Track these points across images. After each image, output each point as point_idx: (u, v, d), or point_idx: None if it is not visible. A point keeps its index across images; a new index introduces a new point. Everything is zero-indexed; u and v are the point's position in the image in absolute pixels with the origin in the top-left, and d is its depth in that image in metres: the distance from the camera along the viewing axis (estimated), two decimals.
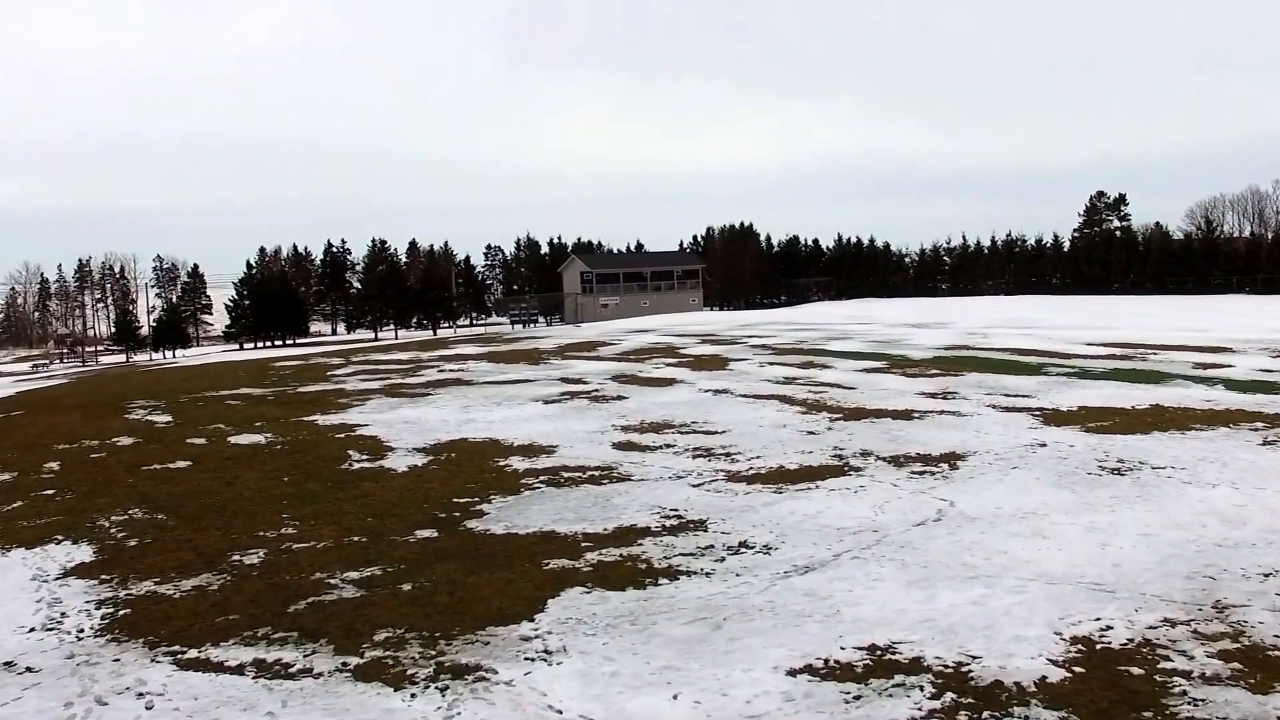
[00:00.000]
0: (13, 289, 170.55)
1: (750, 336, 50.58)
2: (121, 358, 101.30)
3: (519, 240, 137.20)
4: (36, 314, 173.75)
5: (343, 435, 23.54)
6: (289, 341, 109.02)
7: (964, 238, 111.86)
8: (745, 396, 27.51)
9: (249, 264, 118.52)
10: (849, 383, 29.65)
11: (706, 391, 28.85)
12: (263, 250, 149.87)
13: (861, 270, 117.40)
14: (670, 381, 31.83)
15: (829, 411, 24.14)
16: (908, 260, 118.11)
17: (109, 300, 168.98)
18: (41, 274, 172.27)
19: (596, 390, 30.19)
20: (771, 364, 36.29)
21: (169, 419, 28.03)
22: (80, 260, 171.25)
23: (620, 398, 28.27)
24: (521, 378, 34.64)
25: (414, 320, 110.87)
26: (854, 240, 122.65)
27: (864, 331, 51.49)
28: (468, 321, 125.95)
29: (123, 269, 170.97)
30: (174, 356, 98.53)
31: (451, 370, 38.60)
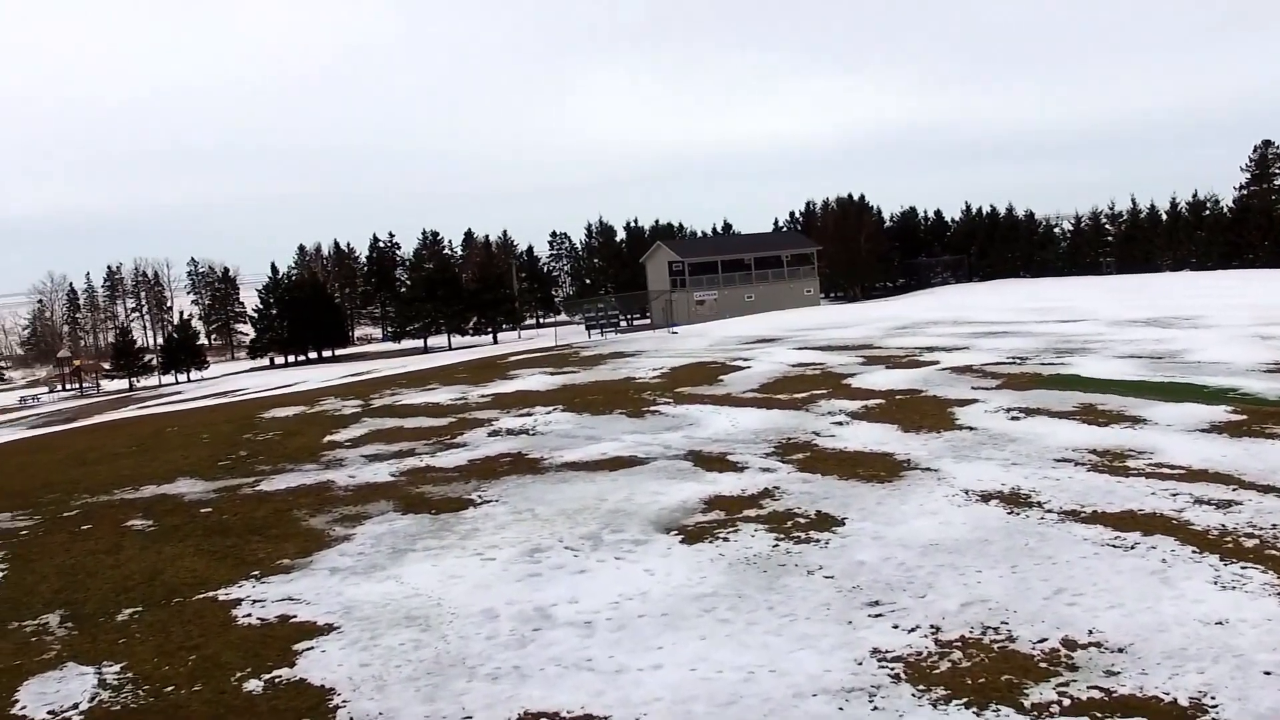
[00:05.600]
0: (39, 301, 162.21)
1: (925, 350, 37.51)
2: (125, 384, 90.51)
3: (589, 225, 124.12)
4: (65, 327, 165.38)
5: (260, 683, 11.15)
6: (325, 355, 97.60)
7: (1133, 201, 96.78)
8: (1111, 530, 14.69)
9: (274, 267, 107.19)
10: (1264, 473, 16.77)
11: (991, 501, 16.08)
12: (302, 249, 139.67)
13: (998, 245, 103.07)
14: (893, 468, 19.03)
15: None
16: (1057, 231, 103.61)
17: (143, 309, 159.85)
18: (69, 284, 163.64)
19: (768, 492, 17.52)
20: (1024, 414, 23.35)
21: None
22: (110, 267, 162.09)
23: (826, 521, 15.57)
24: (622, 452, 22.04)
25: (471, 323, 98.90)
26: (986, 210, 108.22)
27: (1092, 337, 38.18)
28: (534, 322, 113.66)
29: (156, 275, 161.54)
30: (185, 380, 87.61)
31: (510, 428, 26.11)
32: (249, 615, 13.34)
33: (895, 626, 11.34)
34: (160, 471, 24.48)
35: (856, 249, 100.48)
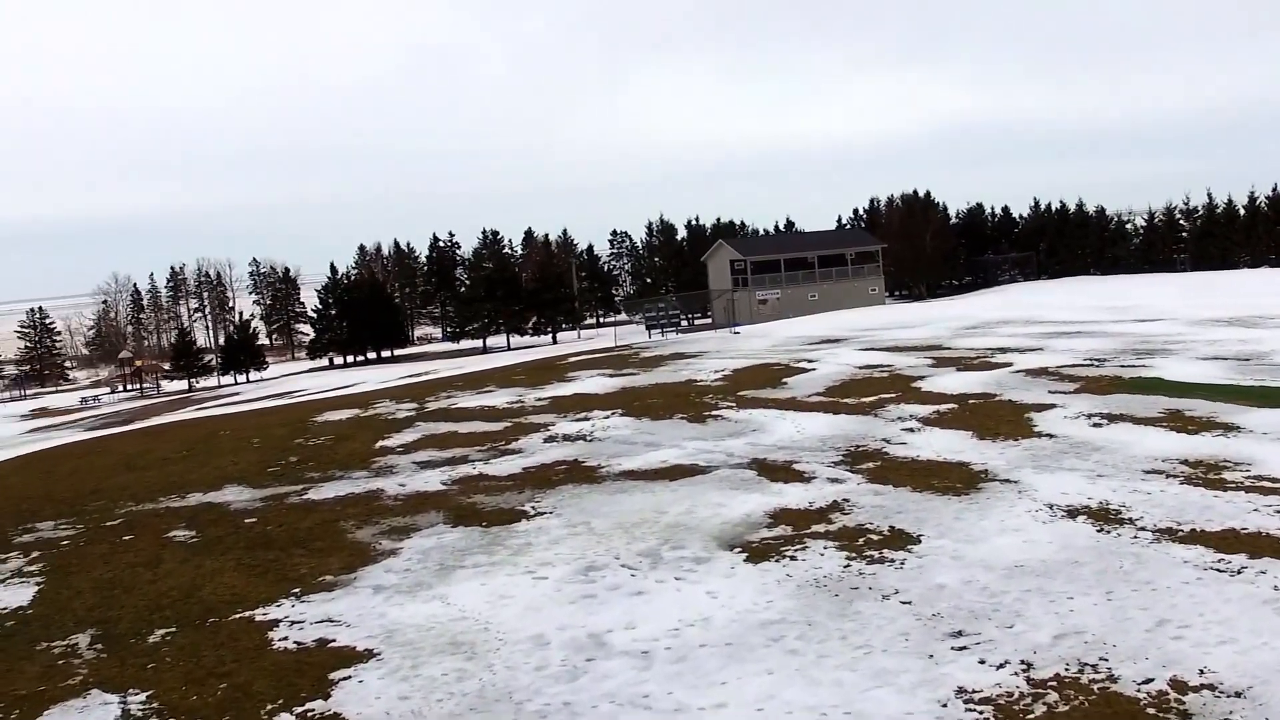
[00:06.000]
0: (104, 302, 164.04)
1: (997, 351, 36.24)
2: (184, 384, 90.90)
3: (650, 224, 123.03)
4: (129, 327, 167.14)
5: (292, 717, 10.43)
6: (384, 355, 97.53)
7: (1209, 196, 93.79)
8: (1214, 551, 13.60)
9: (333, 267, 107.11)
10: None
11: (1078, 517, 15.02)
12: (362, 248, 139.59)
13: (1067, 242, 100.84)
14: (970, 479, 17.99)
15: None
16: (1129, 227, 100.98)
17: (206, 309, 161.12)
18: (133, 285, 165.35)
19: (837, 505, 16.57)
20: (1106, 420, 22.20)
21: None
22: (173, 268, 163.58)
23: (901, 538, 14.60)
24: (683, 459, 21.17)
25: (530, 323, 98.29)
26: (1055, 206, 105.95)
27: (1172, 337, 36.71)
28: (593, 321, 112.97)
29: (218, 275, 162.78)
30: (244, 381, 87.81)
31: (566, 434, 25.34)
32: (285, 639, 12.63)
33: (982, 662, 10.38)
34: (209, 478, 23.96)
35: (921, 246, 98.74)
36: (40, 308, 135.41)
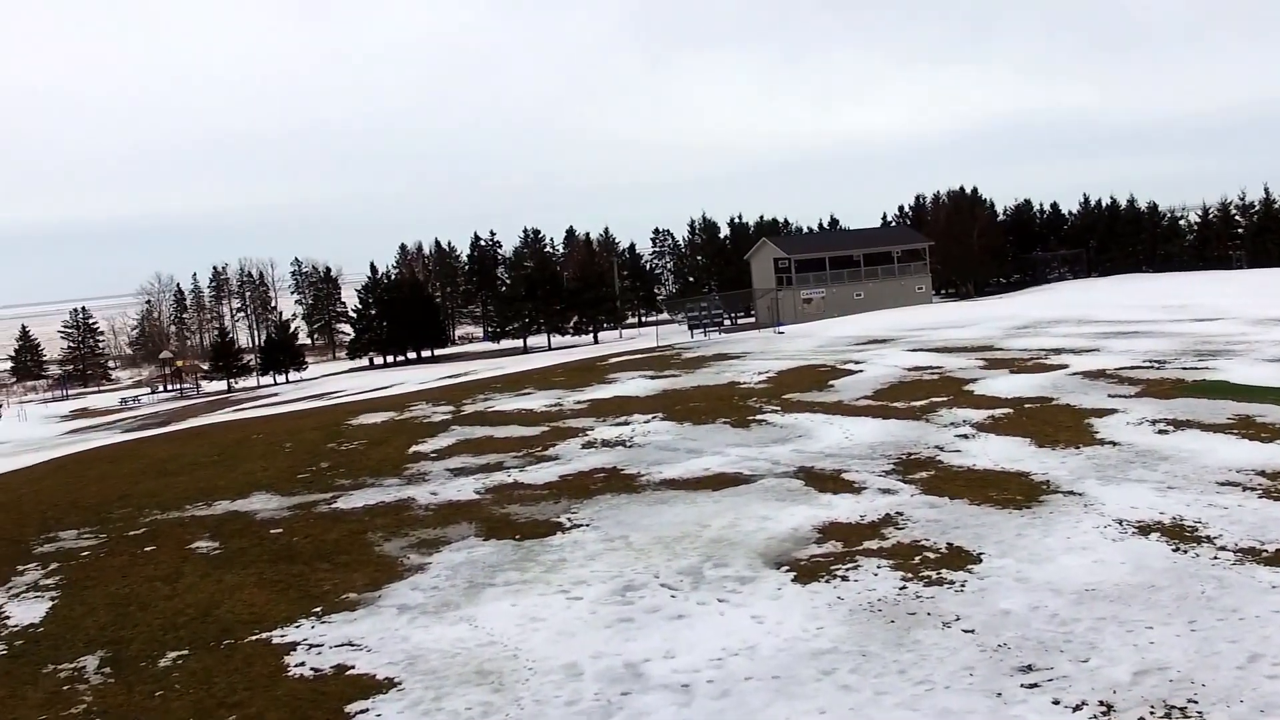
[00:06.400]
0: (147, 302, 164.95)
1: (1051, 352, 35.13)
2: (224, 384, 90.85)
3: (692, 222, 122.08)
4: (172, 327, 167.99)
5: None
6: (424, 355, 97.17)
7: (1266, 191, 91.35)
8: None
9: (373, 267, 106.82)
10: None
11: (1151, 534, 14.06)
12: (403, 248, 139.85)
13: (1118, 239, 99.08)
14: (1031, 490, 17.03)
15: None
16: (1183, 224, 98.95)
17: (248, 309, 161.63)
18: (176, 285, 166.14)
19: (890, 519, 15.67)
20: (1172, 427, 21.16)
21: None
22: (215, 268, 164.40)
23: (960, 557, 13.71)
24: (726, 467, 20.32)
25: (571, 322, 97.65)
26: (1105, 203, 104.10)
27: (1234, 337, 35.43)
28: (635, 321, 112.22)
29: (261, 275, 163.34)
30: (283, 381, 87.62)
31: (605, 439, 24.55)
32: (302, 664, 11.89)
33: (1056, 702, 9.44)
34: (237, 484, 23.34)
35: (969, 244, 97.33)
36: (83, 308, 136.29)
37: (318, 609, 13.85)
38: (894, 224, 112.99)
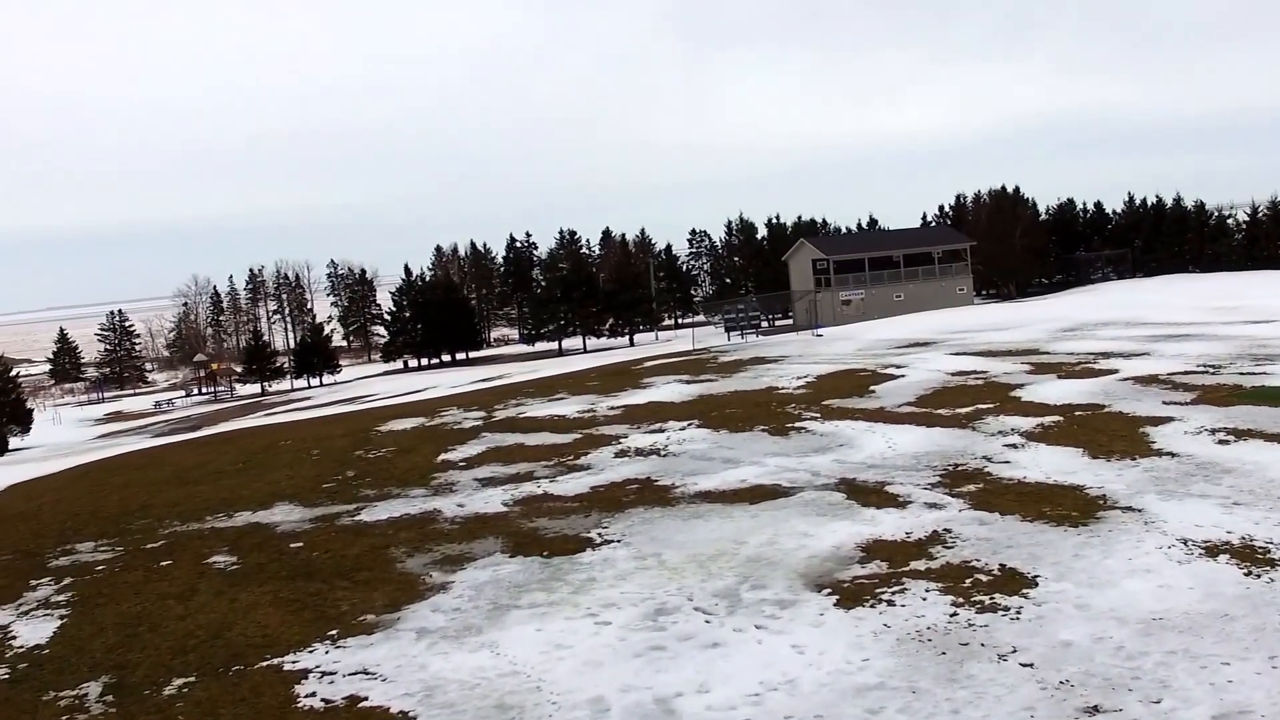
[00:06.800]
0: (184, 304, 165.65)
1: (1099, 356, 34.09)
2: (257, 388, 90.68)
3: (729, 223, 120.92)
4: (209, 329, 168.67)
5: None
6: (458, 358, 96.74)
7: None
8: None
9: (407, 269, 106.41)
10: None
11: (1219, 556, 13.16)
12: (438, 249, 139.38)
13: (1164, 239, 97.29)
14: (1086, 506, 16.15)
15: None
16: (1231, 223, 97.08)
17: (284, 311, 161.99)
18: (213, 287, 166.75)
19: (938, 537, 14.85)
20: (1233, 437, 20.18)
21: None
22: (252, 270, 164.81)
23: (1014, 580, 12.87)
24: (764, 479, 19.54)
25: (607, 324, 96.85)
26: (1151, 201, 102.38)
27: None
28: (671, 323, 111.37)
29: (297, 277, 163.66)
30: (316, 385, 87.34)
31: (639, 448, 23.84)
32: (313, 695, 11.23)
33: None
34: (260, 494, 22.76)
35: (1011, 244, 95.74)
36: (120, 310, 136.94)
37: (333, 632, 13.19)
38: (934, 224, 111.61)
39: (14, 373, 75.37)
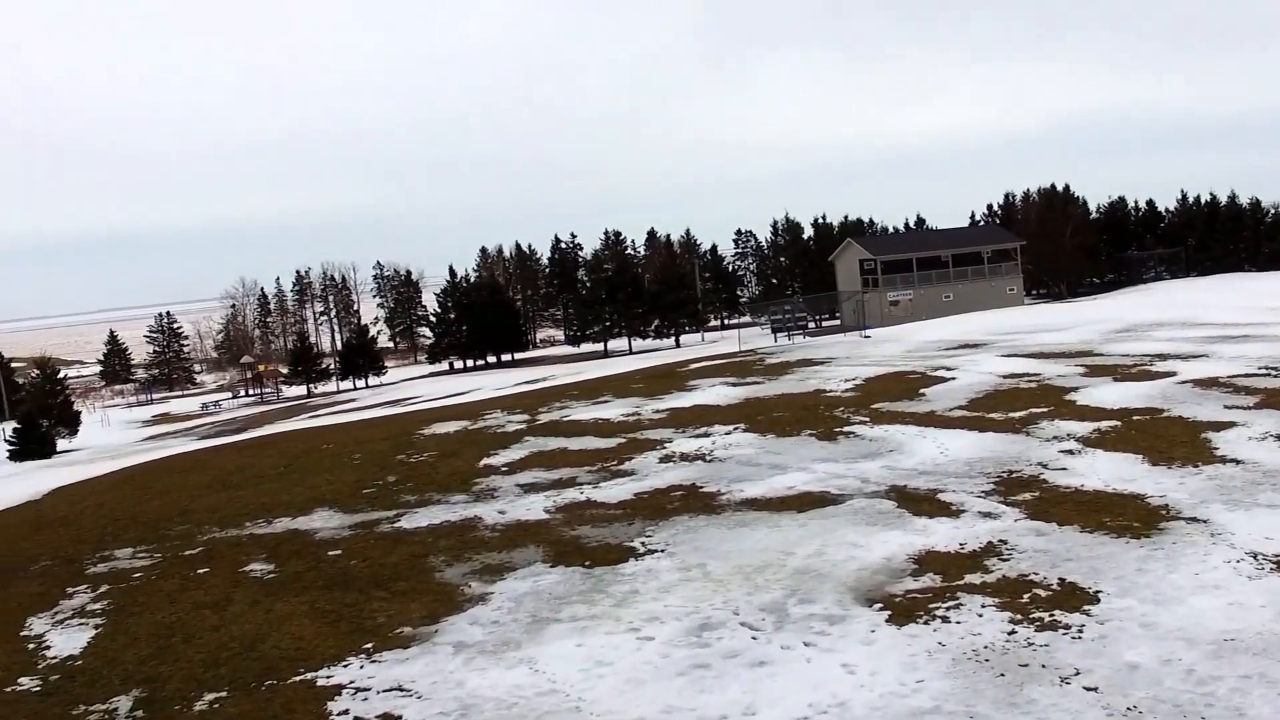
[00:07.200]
0: (232, 306, 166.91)
1: (1156, 358, 33.28)
2: (303, 389, 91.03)
3: (775, 223, 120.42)
4: (256, 331, 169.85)
5: None
6: (503, 359, 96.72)
7: None
8: None
9: (451, 270, 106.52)
10: None
11: None
12: (483, 250, 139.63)
13: (1218, 237, 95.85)
14: (1149, 516, 15.55)
15: None
16: None
17: (331, 312, 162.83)
18: (260, 289, 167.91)
19: (993, 548, 14.32)
20: None
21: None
22: (299, 272, 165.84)
23: (1075, 595, 12.36)
24: (812, 485, 19.07)
25: (652, 326, 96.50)
26: (1204, 199, 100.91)
27: None
28: (717, 324, 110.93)
29: (343, 279, 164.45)
30: (361, 386, 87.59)
31: (684, 453, 23.42)
32: (345, 712, 10.90)
33: None
34: (300, 499, 22.54)
35: (1061, 243, 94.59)
36: (168, 312, 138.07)
37: (369, 645, 12.87)
38: (983, 223, 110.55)
39: (62, 375, 75.96)
